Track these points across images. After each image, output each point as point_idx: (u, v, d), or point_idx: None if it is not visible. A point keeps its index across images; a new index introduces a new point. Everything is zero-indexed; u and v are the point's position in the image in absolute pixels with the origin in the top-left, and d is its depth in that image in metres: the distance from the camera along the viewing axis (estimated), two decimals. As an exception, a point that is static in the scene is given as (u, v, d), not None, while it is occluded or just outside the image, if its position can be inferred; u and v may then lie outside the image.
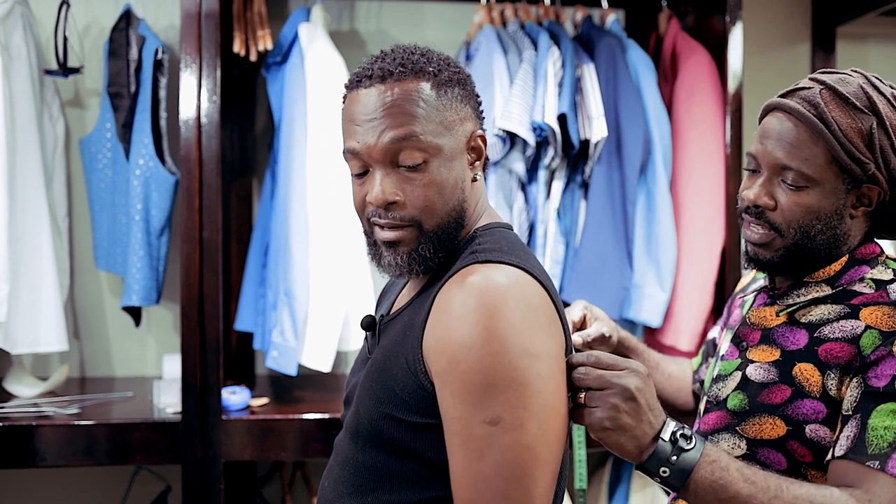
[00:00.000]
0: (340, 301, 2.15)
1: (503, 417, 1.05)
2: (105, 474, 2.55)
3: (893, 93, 1.30)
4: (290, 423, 2.03)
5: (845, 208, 1.30)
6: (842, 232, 1.31)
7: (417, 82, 1.15)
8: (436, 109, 1.15)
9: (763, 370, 1.31)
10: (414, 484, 1.15)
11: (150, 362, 2.60)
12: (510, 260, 1.12)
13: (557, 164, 2.25)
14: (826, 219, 1.29)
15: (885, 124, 1.27)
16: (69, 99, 2.53)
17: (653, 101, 2.29)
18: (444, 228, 1.17)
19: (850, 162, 1.26)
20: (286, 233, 2.17)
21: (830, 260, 1.33)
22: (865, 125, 1.27)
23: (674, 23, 2.45)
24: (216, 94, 2.01)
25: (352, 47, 2.65)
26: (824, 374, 1.25)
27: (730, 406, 1.33)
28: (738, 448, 1.31)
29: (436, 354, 1.10)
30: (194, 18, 2.00)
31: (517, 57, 2.28)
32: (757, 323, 1.37)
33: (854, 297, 1.29)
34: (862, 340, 1.23)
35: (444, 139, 1.15)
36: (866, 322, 1.24)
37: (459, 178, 1.18)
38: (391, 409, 1.15)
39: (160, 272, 2.28)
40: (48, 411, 2.04)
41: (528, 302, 1.09)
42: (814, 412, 1.25)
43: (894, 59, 3.02)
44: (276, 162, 2.34)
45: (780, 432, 1.27)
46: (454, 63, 1.21)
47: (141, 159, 2.23)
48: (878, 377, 1.20)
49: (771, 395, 1.29)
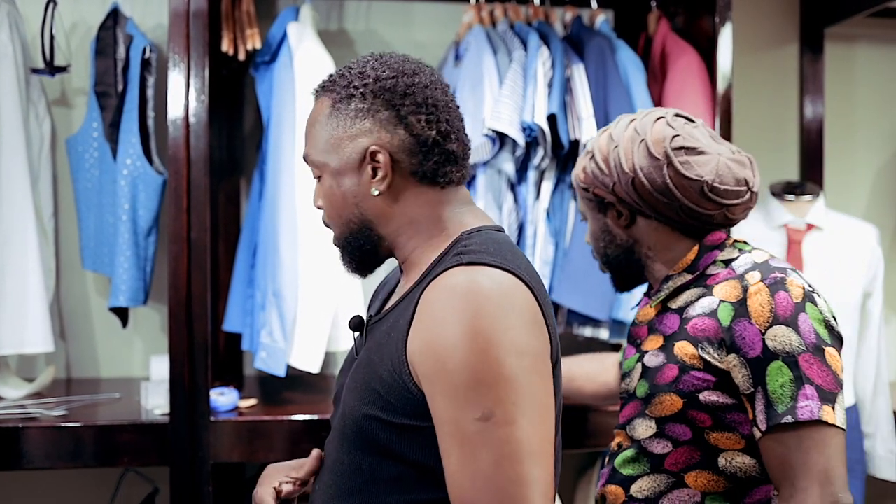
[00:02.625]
0: (329, 302, 2.15)
1: (494, 413, 1.05)
2: (92, 476, 2.54)
3: (636, 127, 1.52)
4: (279, 425, 2.02)
5: (610, 225, 1.58)
6: (625, 241, 1.57)
7: (322, 102, 1.24)
8: (324, 128, 1.22)
9: (654, 356, 1.48)
10: (399, 486, 1.15)
11: (138, 363, 2.58)
12: (494, 261, 1.12)
13: (547, 165, 2.25)
14: (601, 236, 1.60)
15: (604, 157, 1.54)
16: (56, 98, 2.52)
17: (642, 101, 2.29)
18: (347, 237, 1.26)
19: (590, 195, 1.58)
20: (275, 233, 2.16)
21: (647, 261, 1.57)
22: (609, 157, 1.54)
23: (663, 23, 2.45)
24: (204, 94, 2.00)
25: (341, 47, 2.64)
26: (697, 347, 1.42)
27: (638, 395, 1.50)
28: (650, 429, 1.47)
29: (422, 357, 1.10)
30: (182, 17, 1.99)
31: (507, 57, 2.28)
32: (643, 321, 1.57)
33: (709, 278, 1.48)
34: (719, 314, 1.41)
35: (331, 156, 1.22)
36: (719, 297, 1.43)
37: (351, 192, 1.22)
38: (375, 410, 1.15)
39: (147, 273, 2.27)
40: (34, 413, 2.03)
41: (512, 302, 1.10)
42: (701, 381, 1.41)
43: (882, 60, 3.03)
44: (264, 162, 2.33)
45: (679, 406, 1.43)
46: (375, 75, 1.20)
47: (128, 159, 2.22)
48: (751, 347, 1.36)
49: (664, 376, 1.45)
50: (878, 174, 3.04)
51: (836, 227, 2.54)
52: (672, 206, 1.48)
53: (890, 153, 3.04)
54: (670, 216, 1.51)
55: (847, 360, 2.50)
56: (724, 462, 1.42)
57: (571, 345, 2.64)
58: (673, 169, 1.46)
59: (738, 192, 1.48)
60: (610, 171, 1.52)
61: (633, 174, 1.49)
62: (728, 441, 1.42)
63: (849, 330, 2.50)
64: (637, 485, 1.48)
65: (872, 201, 3.03)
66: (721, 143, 1.52)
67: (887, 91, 3.04)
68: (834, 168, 2.97)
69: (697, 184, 1.46)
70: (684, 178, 1.46)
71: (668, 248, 1.55)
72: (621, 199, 1.53)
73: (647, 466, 1.48)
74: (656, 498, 1.46)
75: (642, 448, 1.49)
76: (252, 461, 2.08)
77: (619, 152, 1.51)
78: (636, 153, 1.49)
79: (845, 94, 3.01)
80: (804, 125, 2.93)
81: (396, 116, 1.19)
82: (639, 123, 1.52)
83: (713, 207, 1.48)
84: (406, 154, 1.20)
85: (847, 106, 3.02)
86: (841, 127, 3.00)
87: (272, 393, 2.33)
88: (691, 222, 1.51)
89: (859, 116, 3.03)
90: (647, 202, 1.50)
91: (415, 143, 1.20)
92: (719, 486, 1.42)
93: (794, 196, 2.55)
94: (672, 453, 1.45)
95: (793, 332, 1.35)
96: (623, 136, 1.52)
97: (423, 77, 1.22)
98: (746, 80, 2.87)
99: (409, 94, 1.20)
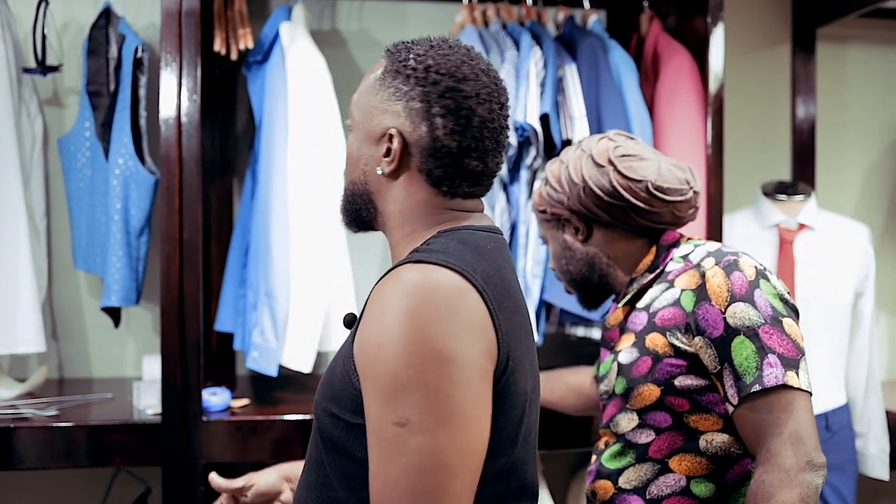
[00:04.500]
0: (321, 301, 2.14)
1: (410, 420, 1.03)
2: (84, 476, 2.53)
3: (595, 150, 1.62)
4: (271, 424, 2.02)
5: (569, 241, 1.68)
6: (584, 255, 1.67)
7: (378, 65, 1.25)
8: (368, 91, 1.23)
9: (628, 353, 1.56)
10: (351, 483, 1.15)
11: (130, 363, 2.58)
12: (446, 261, 1.10)
13: (539, 165, 2.25)
14: (562, 254, 1.70)
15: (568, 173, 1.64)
16: (47, 97, 2.51)
17: (635, 101, 2.29)
18: (349, 193, 1.28)
19: (548, 216, 1.69)
20: (267, 233, 2.16)
21: (609, 270, 1.66)
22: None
23: (655, 23, 2.46)
24: (196, 93, 2.00)
25: (333, 47, 2.64)
26: (667, 335, 1.50)
27: (618, 392, 1.57)
28: (632, 421, 1.54)
29: (360, 353, 1.10)
30: (174, 17, 1.99)
31: (499, 57, 2.28)
32: (613, 324, 1.66)
33: (669, 274, 1.57)
34: (682, 301, 1.49)
35: (363, 118, 1.24)
36: (680, 287, 1.51)
37: (363, 159, 1.24)
38: (331, 405, 1.16)
39: (140, 272, 2.26)
40: (26, 413, 2.02)
41: (452, 305, 1.07)
42: (675, 367, 1.48)
43: (873, 61, 3.04)
44: (256, 161, 2.33)
45: (657, 394, 1.50)
46: (429, 63, 1.18)
47: (120, 158, 2.21)
48: (714, 328, 1.43)
49: (639, 369, 1.53)
50: (869, 174, 3.05)
51: (828, 227, 2.55)
52: (623, 207, 1.59)
53: (881, 153, 3.05)
54: (622, 219, 1.61)
55: (839, 359, 2.51)
56: (705, 444, 1.49)
57: (563, 344, 2.65)
58: (618, 173, 1.58)
59: (682, 190, 1.59)
60: (562, 187, 1.65)
61: (583, 184, 1.61)
62: (706, 422, 1.49)
63: (840, 329, 2.51)
64: (624, 476, 1.54)
65: (864, 201, 3.04)
66: (659, 155, 1.64)
67: (879, 91, 3.05)
68: (826, 168, 2.98)
69: (642, 184, 1.57)
70: (629, 179, 1.58)
71: (626, 254, 1.65)
72: (575, 213, 1.64)
73: (633, 457, 1.54)
74: (644, 486, 1.52)
75: (627, 441, 1.55)
76: (244, 461, 2.08)
77: (569, 169, 1.64)
78: (584, 166, 1.62)
79: (837, 95, 3.02)
80: (796, 125, 2.94)
81: (426, 112, 1.17)
82: (584, 144, 1.66)
83: (660, 205, 1.59)
84: (419, 151, 1.19)
85: (839, 106, 3.02)
86: (833, 127, 3.01)
87: (264, 393, 2.33)
88: (643, 223, 1.61)
89: (851, 116, 3.04)
90: (600, 208, 1.61)
91: (431, 145, 1.18)
92: (702, 468, 1.49)
93: (785, 196, 2.55)
94: (655, 441, 1.52)
95: (750, 308, 1.42)
96: (571, 156, 1.66)
97: (473, 87, 1.18)
98: (738, 81, 2.87)
99: (447, 97, 1.17)
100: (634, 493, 1.52)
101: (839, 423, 2.48)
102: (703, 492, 1.48)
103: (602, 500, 1.57)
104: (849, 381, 2.56)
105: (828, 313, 2.47)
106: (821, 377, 2.43)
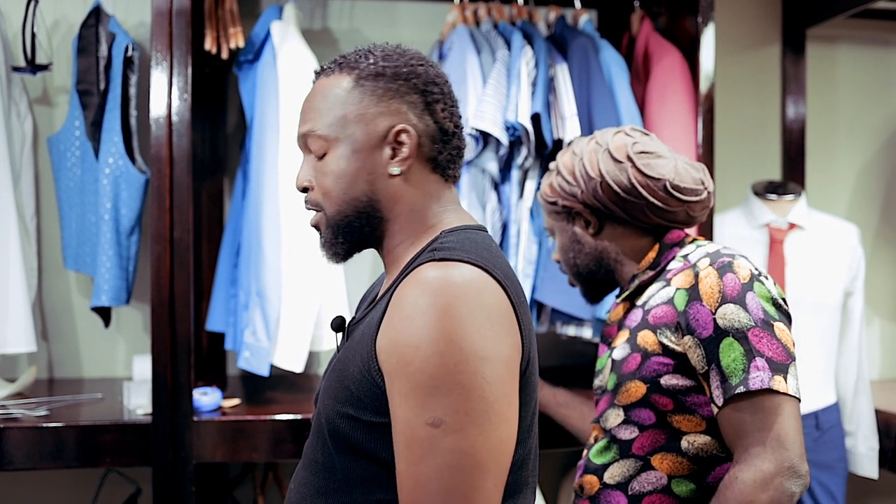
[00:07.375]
0: (313, 301, 2.14)
1: (444, 420, 1.04)
2: (74, 477, 2.52)
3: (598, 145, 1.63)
4: (262, 424, 2.02)
5: (578, 234, 1.67)
6: (593, 249, 1.66)
7: (338, 77, 1.21)
8: (343, 103, 1.20)
9: (621, 349, 1.57)
10: (370, 486, 1.14)
11: (120, 363, 2.57)
12: (468, 258, 1.11)
13: (531, 164, 2.26)
14: (570, 246, 1.69)
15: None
16: (37, 96, 2.50)
17: (626, 100, 2.30)
18: (344, 216, 1.22)
19: (559, 207, 1.68)
20: (258, 232, 2.16)
21: (616, 265, 1.66)
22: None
23: (646, 23, 2.46)
24: (187, 92, 1.99)
25: (324, 46, 2.64)
26: (657, 333, 1.50)
27: (609, 388, 1.58)
28: (619, 417, 1.56)
29: (387, 354, 1.09)
30: (165, 15, 1.98)
31: (490, 56, 2.28)
32: (613, 320, 1.67)
33: (669, 273, 1.57)
34: (675, 300, 1.49)
35: (348, 131, 1.19)
36: (675, 286, 1.51)
37: (366, 170, 1.20)
38: (347, 407, 1.14)
39: (130, 272, 2.25)
40: (16, 413, 2.01)
41: (482, 302, 1.08)
42: (662, 366, 1.49)
43: (863, 61, 3.06)
44: (247, 161, 2.32)
45: (643, 391, 1.51)
46: (403, 60, 1.21)
47: (110, 158, 2.20)
48: (703, 328, 1.43)
49: (628, 365, 1.53)
50: (859, 174, 3.06)
51: (818, 227, 2.56)
52: (639, 205, 1.59)
53: (871, 153, 3.07)
54: (637, 216, 1.61)
55: (828, 358, 2.52)
56: (687, 444, 1.49)
57: (555, 343, 2.65)
58: (636, 170, 1.58)
59: (697, 191, 1.60)
60: (576, 181, 1.63)
61: (600, 179, 1.59)
62: (689, 423, 1.49)
63: (830, 329, 2.52)
64: (609, 472, 1.56)
65: (854, 201, 3.05)
66: (674, 153, 1.63)
67: (868, 91, 3.06)
68: (816, 168, 2.99)
69: (660, 182, 1.57)
70: (648, 177, 1.57)
71: (634, 250, 1.66)
72: (589, 206, 1.63)
73: (617, 453, 1.55)
74: (626, 482, 1.53)
75: (612, 436, 1.57)
76: (235, 461, 2.08)
77: (584, 162, 1.62)
78: (600, 160, 1.60)
79: (827, 95, 3.03)
80: (786, 125, 2.95)
81: (424, 102, 1.20)
82: (599, 138, 1.64)
83: (676, 205, 1.59)
84: (429, 140, 1.21)
85: (829, 106, 3.04)
86: (822, 127, 3.02)
87: (255, 392, 2.33)
88: (657, 221, 1.61)
89: (841, 116, 3.05)
90: (616, 204, 1.60)
91: (437, 131, 1.21)
92: (684, 468, 1.50)
93: (776, 196, 2.56)
94: (638, 437, 1.53)
95: (741, 310, 1.42)
96: (586, 149, 1.64)
97: (438, 71, 1.24)
98: (729, 81, 2.88)
99: (436, 84, 1.22)
100: (617, 489, 1.54)
101: (829, 422, 2.49)
102: (683, 491, 1.49)
103: (589, 494, 1.59)
104: (839, 381, 2.57)
105: (817, 313, 2.48)
106: (811, 376, 2.44)
